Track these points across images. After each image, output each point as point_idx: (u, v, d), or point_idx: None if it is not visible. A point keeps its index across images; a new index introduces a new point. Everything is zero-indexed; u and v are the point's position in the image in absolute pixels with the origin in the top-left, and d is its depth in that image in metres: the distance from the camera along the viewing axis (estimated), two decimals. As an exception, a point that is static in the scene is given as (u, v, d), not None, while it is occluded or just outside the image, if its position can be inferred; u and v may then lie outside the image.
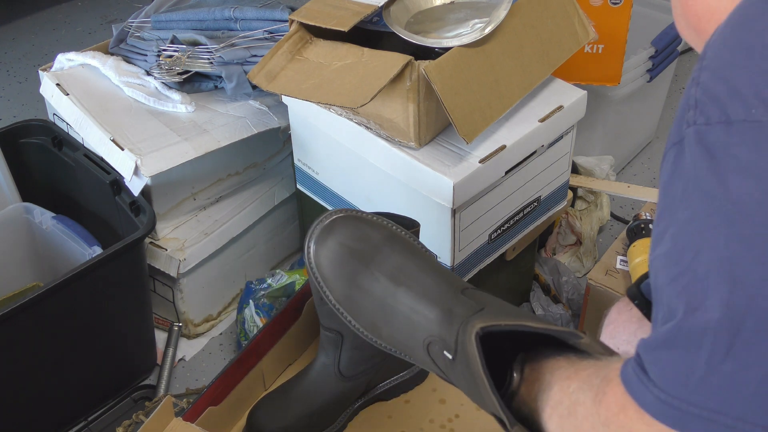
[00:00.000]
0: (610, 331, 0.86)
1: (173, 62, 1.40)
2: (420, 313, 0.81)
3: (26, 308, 1.11)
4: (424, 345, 0.80)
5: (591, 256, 1.58)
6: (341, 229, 0.87)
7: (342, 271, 0.86)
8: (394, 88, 1.11)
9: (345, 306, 0.87)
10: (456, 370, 0.77)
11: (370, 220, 0.88)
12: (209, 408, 1.11)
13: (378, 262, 0.85)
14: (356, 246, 0.86)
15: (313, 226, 0.87)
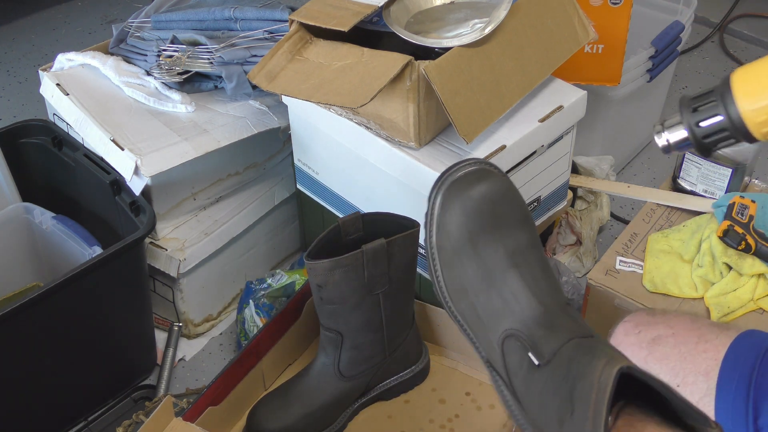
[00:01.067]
0: None
1: (173, 62, 1.40)
2: (520, 303, 0.75)
3: (26, 308, 1.11)
4: (501, 334, 0.75)
5: (591, 256, 1.58)
6: (496, 183, 0.80)
7: (468, 221, 0.78)
8: (394, 88, 1.11)
9: (443, 256, 0.79)
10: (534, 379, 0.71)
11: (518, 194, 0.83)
12: (209, 408, 1.11)
13: (506, 234, 0.78)
14: (499, 207, 0.78)
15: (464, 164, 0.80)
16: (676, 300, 1.22)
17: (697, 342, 0.81)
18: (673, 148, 0.82)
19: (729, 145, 0.79)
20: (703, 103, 0.78)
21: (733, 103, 0.75)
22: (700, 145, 0.79)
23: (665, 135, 0.82)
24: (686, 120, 0.79)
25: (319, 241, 1.11)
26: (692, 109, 0.79)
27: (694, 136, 0.79)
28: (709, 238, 1.24)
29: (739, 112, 0.74)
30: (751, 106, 0.74)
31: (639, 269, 1.27)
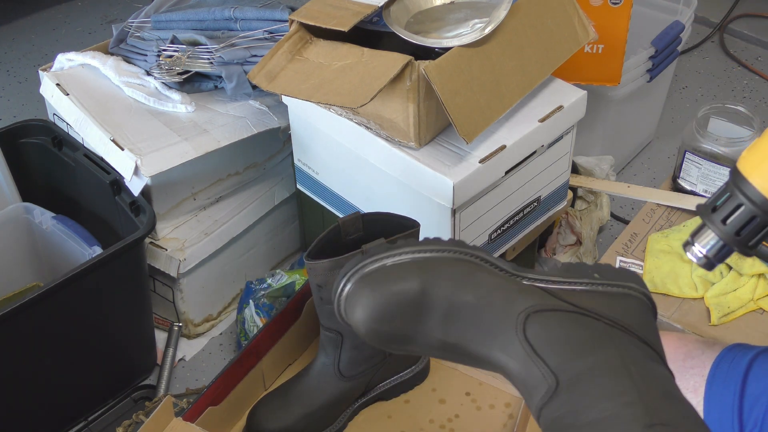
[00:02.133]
0: None
1: (173, 62, 1.40)
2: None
3: (26, 308, 1.11)
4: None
5: (591, 256, 1.58)
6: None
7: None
8: (394, 88, 1.11)
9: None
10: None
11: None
12: (209, 408, 1.11)
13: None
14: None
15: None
16: (676, 300, 1.22)
17: (684, 359, 0.81)
18: (712, 259, 0.75)
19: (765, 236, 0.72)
20: (721, 199, 0.73)
21: (749, 186, 0.70)
22: (738, 243, 0.73)
23: (697, 248, 0.75)
24: (710, 223, 0.73)
25: (319, 241, 1.11)
26: (712, 210, 0.73)
27: (726, 236, 0.73)
28: (709, 238, 1.24)
29: (760, 192, 0.70)
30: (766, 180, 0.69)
31: (639, 269, 1.27)
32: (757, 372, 0.76)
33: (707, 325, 1.18)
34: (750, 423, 0.73)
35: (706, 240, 0.74)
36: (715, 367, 0.79)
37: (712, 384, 0.77)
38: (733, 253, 0.74)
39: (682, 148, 1.37)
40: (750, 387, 0.75)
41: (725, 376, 0.77)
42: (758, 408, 0.73)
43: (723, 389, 0.76)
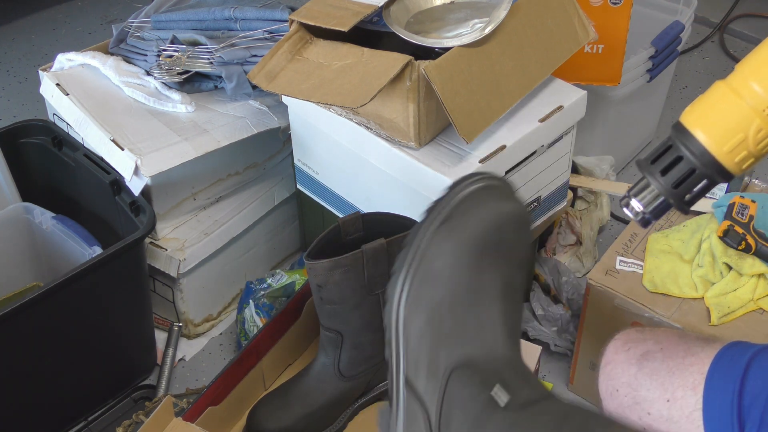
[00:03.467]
0: (608, 372, 0.85)
1: (173, 62, 1.40)
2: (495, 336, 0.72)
3: (26, 308, 1.11)
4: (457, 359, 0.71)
5: (591, 256, 1.58)
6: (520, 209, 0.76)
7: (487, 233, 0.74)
8: (394, 88, 1.11)
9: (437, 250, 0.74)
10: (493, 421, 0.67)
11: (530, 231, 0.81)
12: (209, 408, 1.11)
13: (509, 264, 0.75)
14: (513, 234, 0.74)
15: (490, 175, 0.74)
16: (676, 300, 1.22)
17: (684, 356, 0.81)
18: (649, 214, 0.73)
19: (706, 189, 0.71)
20: (662, 152, 0.71)
21: (691, 138, 0.69)
22: (675, 196, 0.71)
23: (634, 203, 0.73)
24: (649, 175, 0.71)
25: (319, 241, 1.11)
26: (651, 162, 0.72)
27: (664, 188, 0.71)
28: (709, 238, 1.24)
29: (702, 145, 0.68)
30: (713, 135, 0.68)
31: (639, 269, 1.27)
32: (756, 370, 0.76)
33: (707, 325, 1.18)
34: (749, 422, 0.74)
35: (643, 193, 0.73)
36: (714, 365, 0.79)
37: (711, 382, 0.77)
38: (671, 208, 0.73)
39: (682, 148, 1.37)
40: (749, 385, 0.75)
41: (724, 375, 0.77)
42: (757, 407, 0.73)
43: (722, 388, 0.76)
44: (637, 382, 0.82)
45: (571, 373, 1.38)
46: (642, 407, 0.81)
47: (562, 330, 1.41)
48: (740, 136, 0.67)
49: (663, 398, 0.80)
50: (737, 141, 0.68)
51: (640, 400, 0.81)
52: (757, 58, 0.69)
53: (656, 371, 0.81)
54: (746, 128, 0.67)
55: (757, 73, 0.68)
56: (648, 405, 0.80)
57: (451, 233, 0.74)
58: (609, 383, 0.85)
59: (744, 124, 0.67)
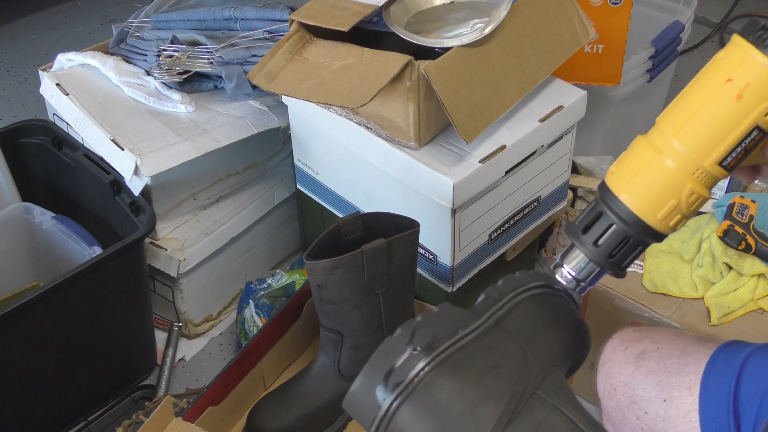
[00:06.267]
0: (606, 371, 0.85)
1: (173, 62, 1.40)
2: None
3: (26, 308, 1.11)
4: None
5: (591, 256, 1.58)
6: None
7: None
8: (394, 88, 1.11)
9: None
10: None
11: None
12: (209, 408, 1.11)
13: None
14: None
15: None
16: (676, 300, 1.22)
17: (680, 356, 0.81)
18: (583, 282, 0.69)
19: (639, 253, 0.67)
20: (592, 220, 0.67)
21: (622, 206, 0.64)
22: (612, 266, 0.67)
23: (566, 271, 0.69)
24: (581, 245, 0.67)
25: (319, 241, 1.11)
26: (583, 231, 0.67)
27: (598, 259, 0.67)
28: (709, 238, 1.24)
29: (634, 215, 0.64)
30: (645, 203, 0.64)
31: (639, 269, 1.27)
32: (751, 371, 0.76)
33: (707, 325, 1.18)
34: (745, 423, 0.74)
35: (575, 262, 0.68)
36: (710, 366, 0.79)
37: (706, 383, 0.78)
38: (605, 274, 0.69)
39: (682, 148, 1.37)
40: (744, 386, 0.75)
41: (720, 376, 0.77)
42: (752, 407, 0.73)
43: (717, 389, 0.76)
44: (635, 382, 0.82)
45: (571, 373, 1.38)
46: (639, 406, 0.81)
47: (562, 330, 1.41)
48: (673, 202, 0.64)
49: (660, 398, 0.80)
50: (670, 207, 0.64)
51: (638, 399, 0.81)
52: (676, 113, 0.65)
53: (653, 371, 0.81)
54: (678, 194, 0.64)
55: (679, 132, 0.64)
56: (645, 404, 0.81)
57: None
58: (607, 382, 0.85)
59: (675, 190, 0.64)
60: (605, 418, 0.87)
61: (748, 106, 0.61)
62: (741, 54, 0.62)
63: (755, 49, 0.61)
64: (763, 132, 0.62)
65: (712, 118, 0.62)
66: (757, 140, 0.63)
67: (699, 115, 0.63)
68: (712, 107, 0.62)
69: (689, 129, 0.63)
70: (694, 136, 0.63)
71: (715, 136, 0.62)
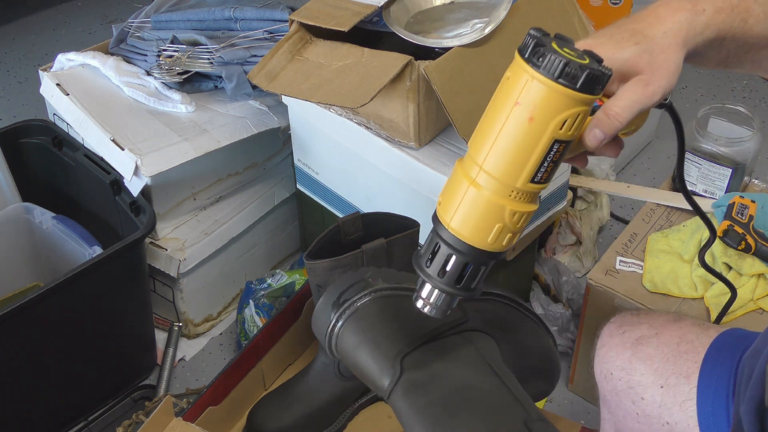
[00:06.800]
0: (603, 355, 0.85)
1: (173, 62, 1.40)
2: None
3: (26, 308, 1.11)
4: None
5: (591, 256, 1.58)
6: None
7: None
8: (394, 88, 1.11)
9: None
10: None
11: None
12: (209, 408, 1.11)
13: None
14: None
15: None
16: (676, 300, 1.22)
17: (679, 343, 0.81)
18: (444, 307, 0.71)
19: (486, 272, 0.70)
20: (432, 253, 0.69)
21: (455, 238, 0.66)
22: (461, 290, 0.69)
23: (423, 303, 0.71)
24: (428, 278, 0.70)
25: (319, 241, 1.11)
26: (427, 264, 0.69)
27: (447, 288, 0.69)
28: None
29: (467, 244, 0.66)
30: (474, 232, 0.66)
31: (639, 269, 1.27)
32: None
33: (707, 325, 1.18)
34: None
35: (427, 292, 0.71)
36: (709, 355, 0.79)
37: (705, 372, 0.77)
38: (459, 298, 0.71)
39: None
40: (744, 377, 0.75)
41: (719, 366, 0.77)
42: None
43: (717, 379, 0.76)
44: (632, 367, 0.82)
45: (570, 372, 1.38)
46: (636, 392, 0.81)
47: (562, 330, 1.41)
48: (499, 225, 0.66)
49: (657, 384, 0.80)
50: (498, 230, 0.66)
51: (634, 384, 0.81)
52: (480, 138, 0.66)
53: (651, 357, 0.81)
54: (501, 217, 0.65)
55: (486, 160, 0.64)
56: (642, 390, 0.81)
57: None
58: (603, 366, 0.85)
59: (497, 214, 0.65)
60: (601, 401, 0.87)
61: (540, 126, 0.62)
62: (521, 75, 0.62)
63: (533, 70, 0.61)
64: (563, 143, 0.63)
65: (511, 143, 0.63)
66: (561, 150, 0.64)
67: (498, 141, 0.64)
68: (509, 131, 0.63)
69: (493, 155, 0.64)
70: (500, 162, 0.64)
71: (519, 159, 0.63)
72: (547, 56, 0.60)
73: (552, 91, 0.61)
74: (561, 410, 1.36)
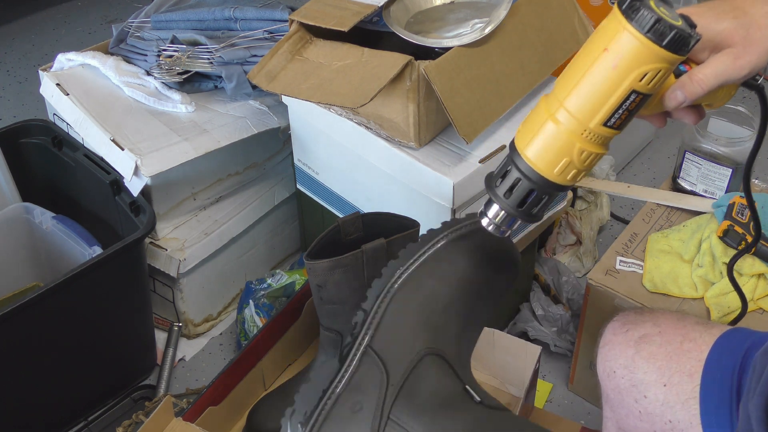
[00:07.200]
0: (606, 353, 0.85)
1: (173, 62, 1.40)
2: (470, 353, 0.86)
3: (26, 308, 1.11)
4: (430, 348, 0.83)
5: (591, 256, 1.58)
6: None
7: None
8: (394, 88, 1.11)
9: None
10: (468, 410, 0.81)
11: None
12: (209, 408, 1.11)
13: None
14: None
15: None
16: (676, 300, 1.22)
17: (682, 341, 0.81)
18: (502, 227, 0.77)
19: (549, 201, 0.75)
20: (503, 174, 0.75)
21: (525, 163, 0.72)
22: (522, 214, 0.75)
23: (488, 221, 0.77)
24: (494, 197, 0.76)
25: (319, 241, 1.11)
26: (496, 183, 0.76)
27: (510, 209, 0.75)
28: (709, 238, 1.24)
29: (535, 171, 0.72)
30: (542, 160, 0.72)
31: (639, 269, 1.27)
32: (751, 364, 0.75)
33: (707, 325, 1.18)
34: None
35: (494, 211, 0.76)
36: (712, 353, 0.79)
37: (708, 370, 0.78)
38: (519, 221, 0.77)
39: (682, 148, 1.37)
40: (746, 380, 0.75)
41: (722, 365, 0.77)
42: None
43: (720, 377, 0.76)
44: (635, 365, 0.82)
45: (571, 373, 1.38)
46: (639, 390, 0.81)
47: (562, 330, 1.41)
48: (566, 159, 0.71)
49: (660, 382, 0.80)
50: (565, 164, 0.71)
51: (637, 382, 0.81)
52: (566, 78, 0.71)
53: (654, 355, 0.81)
54: (570, 152, 0.71)
55: (567, 97, 0.70)
56: (644, 388, 0.81)
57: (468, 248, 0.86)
58: (606, 364, 0.85)
59: (567, 149, 0.71)
60: (604, 399, 0.88)
61: (622, 74, 0.67)
62: (615, 25, 0.67)
63: (626, 21, 0.66)
64: (641, 95, 0.68)
65: (593, 85, 0.68)
66: (638, 101, 0.69)
67: (582, 82, 0.69)
68: (593, 74, 0.68)
69: (575, 94, 0.69)
70: (579, 101, 0.69)
71: (597, 100, 0.68)
72: (641, 11, 0.65)
73: (639, 43, 0.65)
74: (561, 410, 1.36)
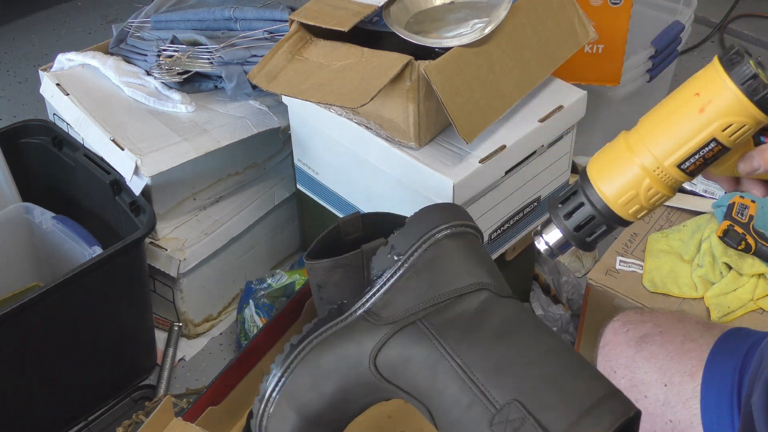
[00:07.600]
0: (606, 353, 0.85)
1: (173, 62, 1.40)
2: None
3: (26, 308, 1.11)
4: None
5: (591, 256, 1.58)
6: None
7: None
8: (394, 88, 1.11)
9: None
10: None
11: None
12: (209, 408, 1.11)
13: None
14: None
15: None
16: (676, 300, 1.22)
17: (683, 341, 0.81)
18: (554, 250, 0.78)
19: (605, 233, 0.76)
20: (567, 197, 0.77)
21: (592, 189, 0.74)
22: (577, 239, 0.77)
23: (542, 238, 0.79)
24: (554, 217, 0.78)
25: (318, 241, 1.11)
26: (558, 205, 0.78)
27: (566, 230, 0.77)
28: (709, 238, 1.24)
29: (600, 197, 0.74)
30: (610, 189, 0.73)
31: (639, 269, 1.27)
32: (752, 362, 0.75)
33: (707, 325, 1.18)
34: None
35: (550, 232, 0.78)
36: (713, 353, 0.79)
37: (709, 370, 0.78)
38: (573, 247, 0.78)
39: (682, 148, 1.37)
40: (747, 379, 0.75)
41: (723, 364, 0.77)
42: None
43: (721, 377, 0.76)
44: (635, 365, 0.82)
45: (571, 373, 1.38)
46: (639, 390, 0.81)
47: (562, 330, 1.41)
48: (632, 192, 0.72)
49: (660, 382, 0.80)
50: (630, 196, 0.73)
51: (638, 382, 0.81)
52: (652, 116, 0.72)
53: (655, 355, 0.81)
54: (638, 186, 0.72)
55: (649, 133, 0.71)
56: (645, 388, 0.81)
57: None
58: (607, 364, 0.85)
59: (636, 182, 0.72)
60: None
61: (708, 120, 0.68)
62: (712, 73, 0.69)
63: (723, 70, 0.68)
64: (720, 145, 0.69)
65: (676, 125, 0.70)
66: (715, 151, 0.70)
67: (667, 121, 0.71)
68: (679, 115, 0.70)
69: (657, 131, 0.71)
70: (659, 138, 0.71)
71: (677, 140, 0.70)
72: (740, 64, 0.67)
73: (730, 93, 0.67)
74: (561, 410, 1.36)
